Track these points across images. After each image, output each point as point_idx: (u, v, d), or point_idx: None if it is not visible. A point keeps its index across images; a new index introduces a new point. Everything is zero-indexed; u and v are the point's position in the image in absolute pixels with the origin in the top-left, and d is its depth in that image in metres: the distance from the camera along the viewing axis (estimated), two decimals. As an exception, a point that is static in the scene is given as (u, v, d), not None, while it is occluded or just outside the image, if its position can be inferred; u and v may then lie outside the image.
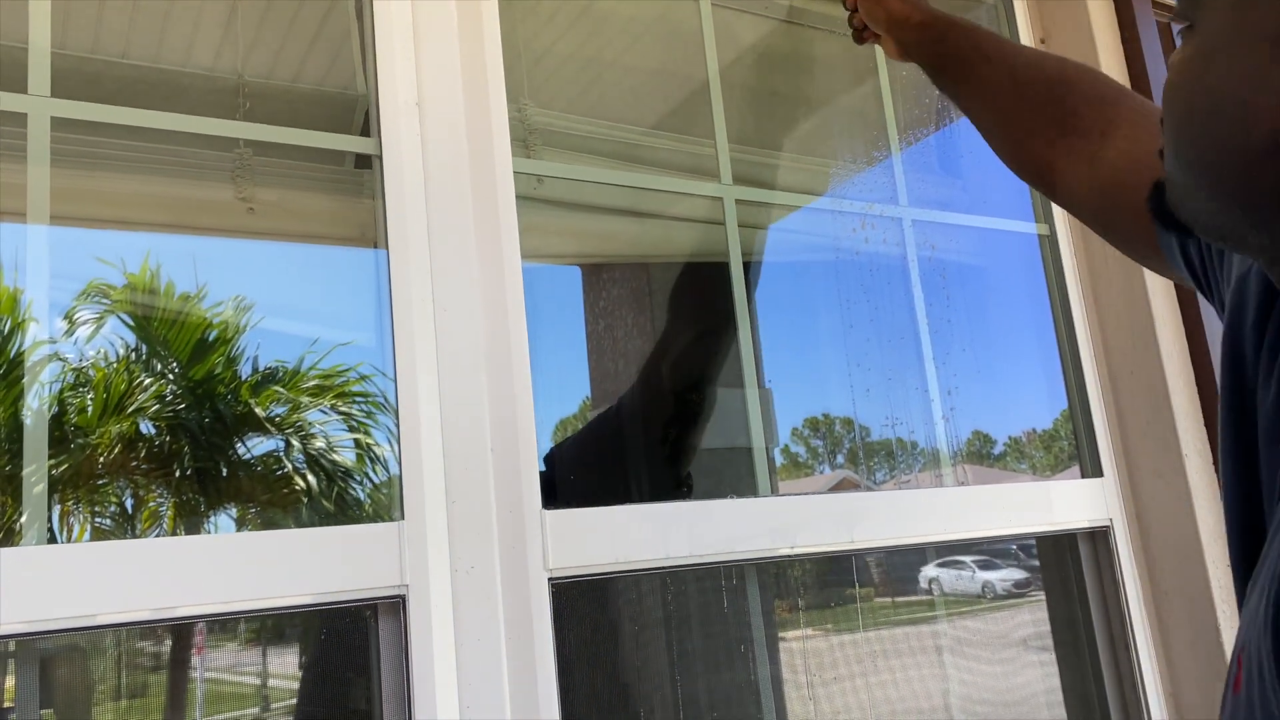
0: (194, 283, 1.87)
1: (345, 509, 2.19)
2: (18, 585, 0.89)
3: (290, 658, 1.61)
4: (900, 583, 2.29)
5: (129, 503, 2.09)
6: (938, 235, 1.74)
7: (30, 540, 1.04)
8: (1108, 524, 1.64)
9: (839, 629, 1.95)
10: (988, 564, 2.64)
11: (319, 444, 2.17)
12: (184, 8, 1.37)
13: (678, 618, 1.61)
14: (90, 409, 2.07)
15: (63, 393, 1.99)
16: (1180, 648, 1.59)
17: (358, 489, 2.14)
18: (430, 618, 1.06)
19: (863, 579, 2.21)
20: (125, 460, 2.17)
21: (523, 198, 1.24)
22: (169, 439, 2.20)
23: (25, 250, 1.06)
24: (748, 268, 1.69)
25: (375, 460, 2.08)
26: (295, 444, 2.17)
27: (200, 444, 2.20)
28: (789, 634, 1.76)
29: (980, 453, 2.12)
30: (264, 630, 1.64)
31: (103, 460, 2.10)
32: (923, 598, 2.23)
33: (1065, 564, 1.69)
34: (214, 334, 2.15)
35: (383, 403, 1.18)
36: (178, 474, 2.17)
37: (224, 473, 2.19)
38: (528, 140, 1.48)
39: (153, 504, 2.14)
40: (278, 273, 1.72)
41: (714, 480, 2.33)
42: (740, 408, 1.50)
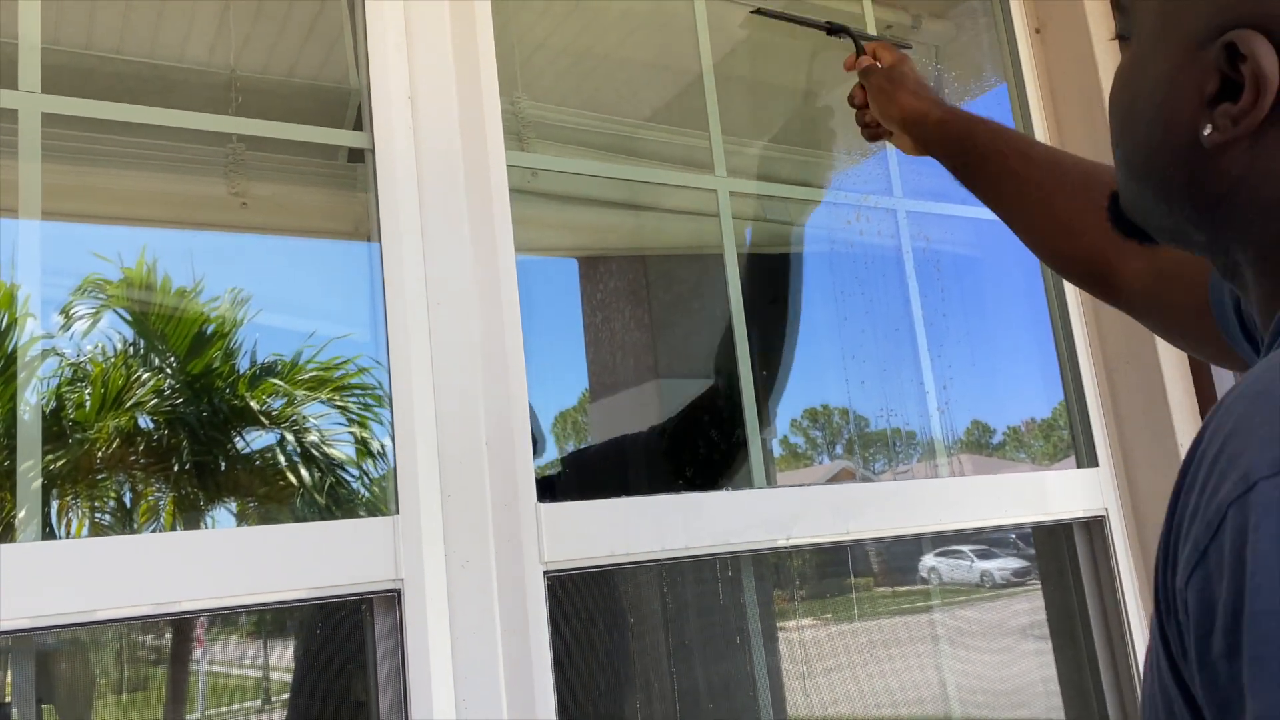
0: (190, 277, 1.87)
1: (339, 503, 2.19)
2: (16, 580, 0.89)
3: (289, 651, 1.62)
4: (899, 573, 2.29)
5: (127, 497, 2.09)
6: (932, 226, 1.73)
7: (27, 536, 1.04)
8: (1103, 514, 1.65)
9: (837, 619, 1.96)
10: (986, 553, 2.65)
11: (313, 438, 2.17)
12: (177, 3, 1.37)
13: (674, 610, 1.61)
14: (88, 404, 2.07)
15: (60, 388, 1.99)
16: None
17: (354, 483, 2.14)
18: (426, 611, 1.07)
19: (861, 569, 2.21)
20: (123, 455, 2.17)
21: (516, 191, 1.24)
22: (167, 433, 2.20)
23: (18, 246, 1.06)
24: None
25: (371, 454, 2.08)
26: (290, 438, 2.17)
27: (198, 438, 2.21)
28: (786, 625, 1.77)
29: (979, 443, 2.12)
30: (263, 624, 1.64)
31: (101, 455, 2.10)
32: (921, 587, 2.23)
33: (1061, 554, 1.70)
34: (211, 328, 2.15)
35: (381, 395, 1.18)
36: (176, 468, 2.17)
37: (222, 467, 2.19)
38: (521, 133, 1.48)
39: (151, 498, 2.14)
40: (272, 267, 1.72)
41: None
42: (736, 400, 1.50)
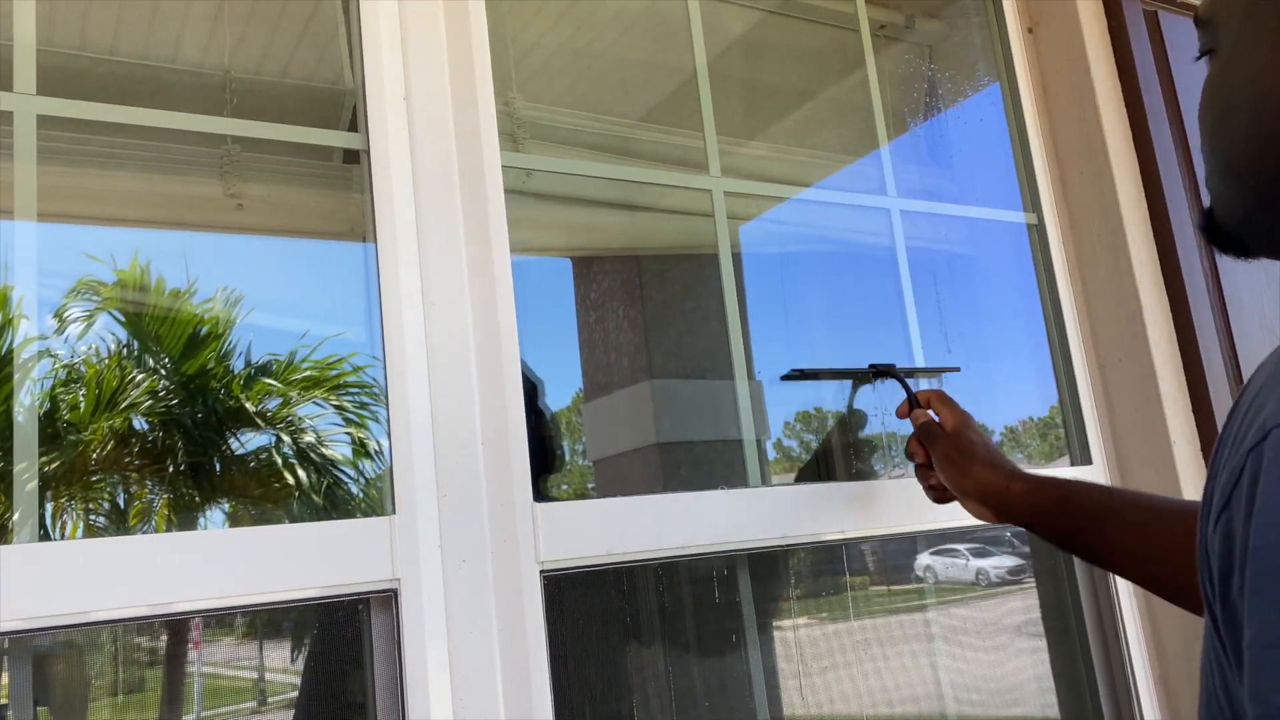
0: (184, 279, 1.87)
1: (336, 504, 2.19)
2: (11, 582, 0.89)
3: (286, 652, 1.62)
4: (895, 571, 2.30)
5: (121, 499, 2.09)
6: (926, 225, 1.74)
7: (22, 538, 1.04)
8: (1097, 511, 1.65)
9: (833, 618, 1.96)
10: (981, 551, 2.66)
11: (309, 438, 2.17)
12: (171, 4, 1.37)
13: (670, 608, 1.61)
14: (82, 405, 2.06)
15: (54, 389, 1.98)
16: (1169, 633, 1.60)
17: (351, 484, 2.14)
18: (422, 611, 1.07)
19: (857, 568, 2.22)
20: (118, 456, 2.17)
21: (511, 191, 1.24)
22: (162, 435, 2.20)
23: (13, 248, 1.06)
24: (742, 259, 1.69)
25: (369, 454, 2.08)
26: (286, 439, 2.17)
27: (194, 439, 2.20)
28: (782, 623, 1.77)
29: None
30: (260, 625, 1.64)
31: (95, 457, 2.10)
32: (917, 586, 2.24)
33: (1055, 551, 1.70)
34: (205, 329, 2.14)
35: (378, 392, 1.18)
36: (171, 469, 2.17)
37: (217, 468, 2.19)
38: (516, 134, 1.48)
39: (146, 500, 2.13)
40: (268, 268, 1.72)
41: (706, 472, 2.34)
42: (731, 400, 1.51)
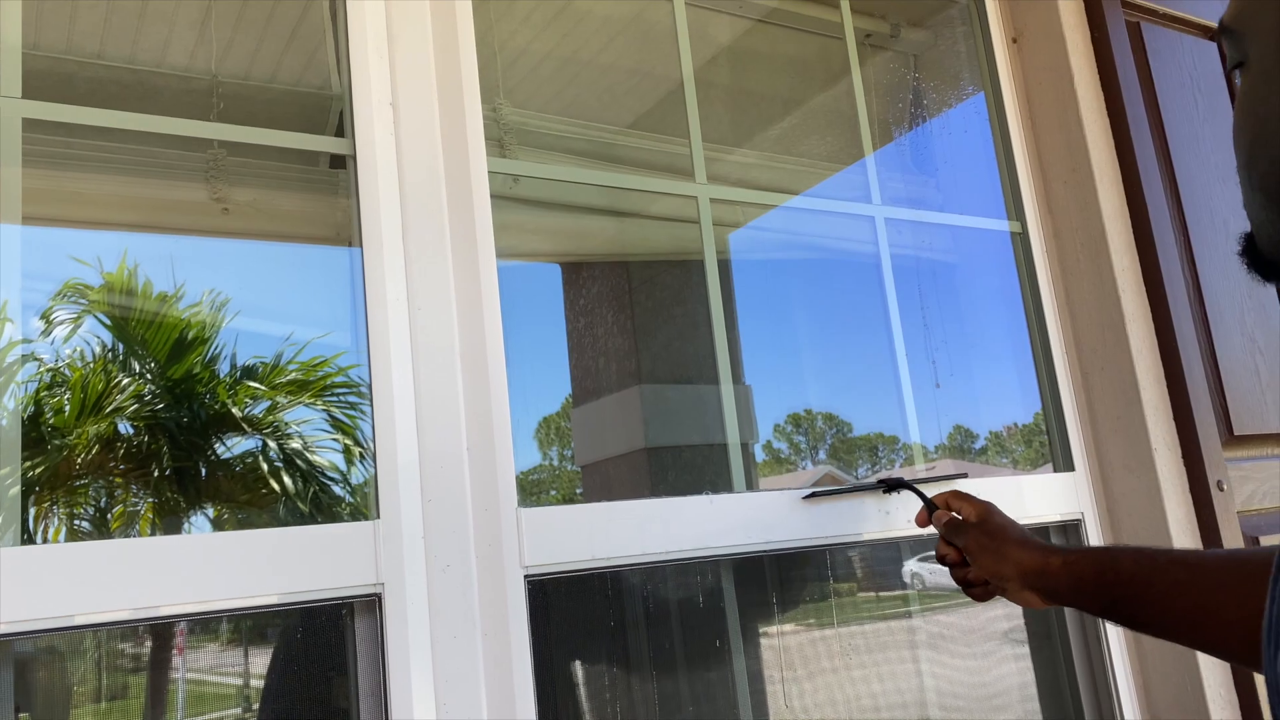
0: (172, 282, 1.87)
1: (322, 510, 2.19)
2: (-9, 587, 0.89)
3: (269, 657, 1.62)
4: (881, 577, 2.31)
5: (106, 503, 2.08)
6: (911, 233, 1.75)
7: (5, 542, 1.04)
8: (1079, 517, 1.67)
9: (819, 624, 1.96)
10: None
11: (295, 444, 2.17)
12: (159, 8, 1.37)
13: (654, 613, 1.62)
14: (67, 409, 2.05)
15: (39, 393, 1.98)
16: (1150, 639, 1.61)
17: (337, 488, 2.14)
18: (406, 616, 1.07)
19: (844, 574, 2.22)
20: (103, 460, 2.16)
21: (498, 197, 1.25)
22: (147, 439, 2.19)
23: (-2, 251, 1.05)
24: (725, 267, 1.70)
25: (355, 460, 2.08)
26: (272, 445, 2.17)
27: (179, 443, 2.20)
28: (767, 629, 1.78)
29: (961, 447, 2.14)
30: (243, 630, 1.64)
31: (80, 461, 2.09)
32: (904, 592, 2.25)
33: (1038, 557, 1.71)
34: (192, 333, 2.14)
35: (364, 391, 1.18)
36: (156, 474, 2.16)
37: (203, 473, 2.18)
38: (503, 140, 1.48)
39: (130, 504, 2.13)
40: (255, 272, 1.72)
41: (692, 476, 2.34)
42: (716, 404, 1.51)
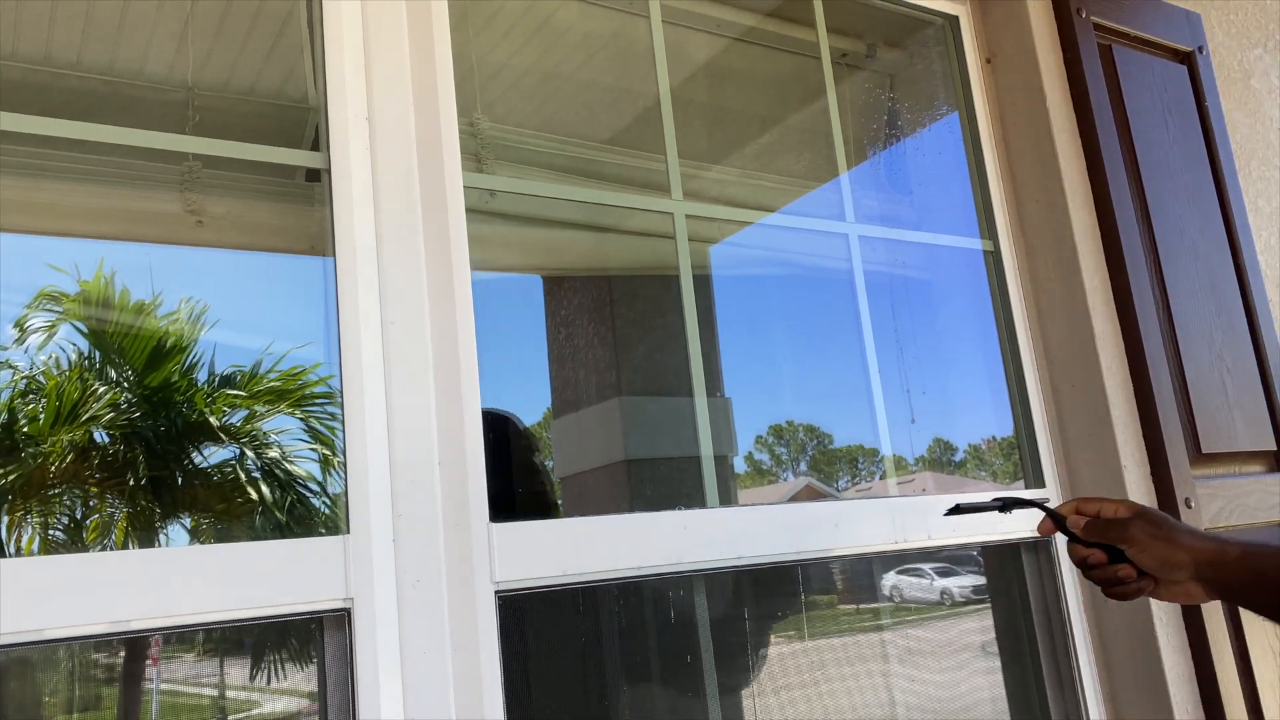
0: (149, 291, 1.86)
1: (299, 521, 2.18)
2: (-44, 600, 0.89)
3: (242, 670, 1.62)
4: (859, 590, 2.32)
5: (81, 512, 2.07)
6: (885, 250, 1.77)
7: (-29, 554, 1.03)
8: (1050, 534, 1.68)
9: (795, 637, 1.97)
10: (946, 570, 2.69)
11: (273, 453, 2.16)
12: (137, 20, 1.37)
13: (627, 627, 1.62)
14: (41, 417, 2.04)
15: (12, 401, 1.97)
16: (1119, 654, 1.63)
17: (314, 499, 2.13)
18: (375, 631, 1.07)
19: (822, 587, 2.23)
20: (78, 469, 2.15)
21: (474, 211, 1.25)
22: (123, 448, 2.18)
23: (-32, 263, 1.05)
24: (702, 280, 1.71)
25: (331, 469, 2.08)
26: (250, 454, 2.16)
27: (155, 452, 2.19)
28: (741, 643, 1.78)
29: (940, 460, 2.15)
30: (215, 642, 1.63)
31: (55, 469, 2.07)
32: (882, 605, 2.26)
33: (1009, 573, 1.73)
34: (170, 342, 2.13)
35: (343, 402, 1.18)
36: (132, 482, 2.15)
37: (179, 482, 2.17)
38: (480, 154, 1.49)
39: (106, 514, 2.12)
40: (232, 283, 1.71)
41: (671, 489, 2.34)
42: (690, 417, 1.52)
